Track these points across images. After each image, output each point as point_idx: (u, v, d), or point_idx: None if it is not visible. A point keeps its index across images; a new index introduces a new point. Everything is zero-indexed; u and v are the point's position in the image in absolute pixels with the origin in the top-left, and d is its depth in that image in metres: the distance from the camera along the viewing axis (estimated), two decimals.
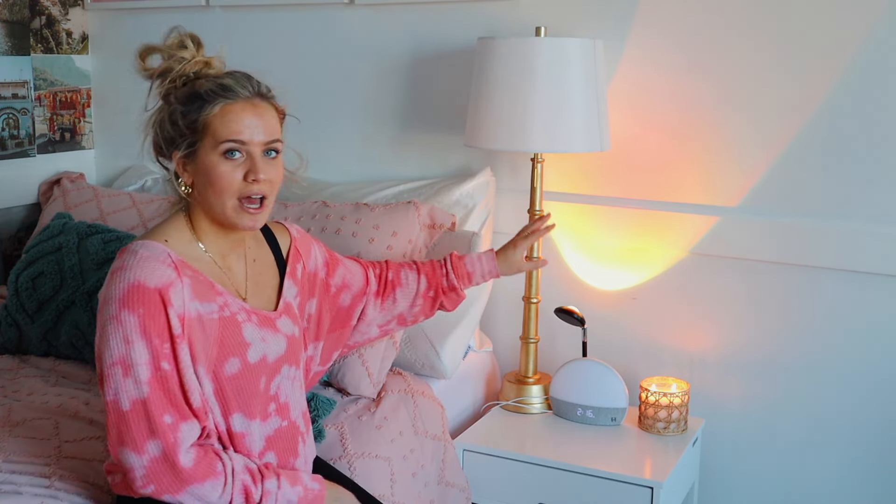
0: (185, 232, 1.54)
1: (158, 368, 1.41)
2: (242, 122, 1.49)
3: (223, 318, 1.50)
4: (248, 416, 1.53)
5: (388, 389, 2.10)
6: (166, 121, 1.53)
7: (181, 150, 1.51)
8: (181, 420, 1.43)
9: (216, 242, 1.56)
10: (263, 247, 1.68)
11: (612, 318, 2.42)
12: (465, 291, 1.97)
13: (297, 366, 1.64)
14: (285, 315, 1.63)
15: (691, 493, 2.30)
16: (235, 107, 1.50)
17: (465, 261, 1.96)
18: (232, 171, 1.49)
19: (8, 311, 2.34)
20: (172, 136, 1.52)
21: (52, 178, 2.87)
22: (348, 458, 1.86)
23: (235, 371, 1.51)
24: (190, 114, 1.49)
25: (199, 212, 1.55)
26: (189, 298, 1.45)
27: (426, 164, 2.58)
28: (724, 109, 2.24)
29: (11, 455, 1.68)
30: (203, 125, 1.49)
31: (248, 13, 2.77)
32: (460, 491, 2.11)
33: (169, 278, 1.44)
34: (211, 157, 1.49)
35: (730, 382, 2.32)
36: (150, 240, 1.49)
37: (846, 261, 2.15)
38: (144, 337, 1.41)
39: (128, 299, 1.41)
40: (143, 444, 1.41)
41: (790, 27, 2.15)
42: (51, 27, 2.92)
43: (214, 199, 1.50)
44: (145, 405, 1.40)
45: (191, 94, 1.51)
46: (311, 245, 1.77)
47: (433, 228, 2.29)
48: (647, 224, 2.35)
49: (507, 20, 2.41)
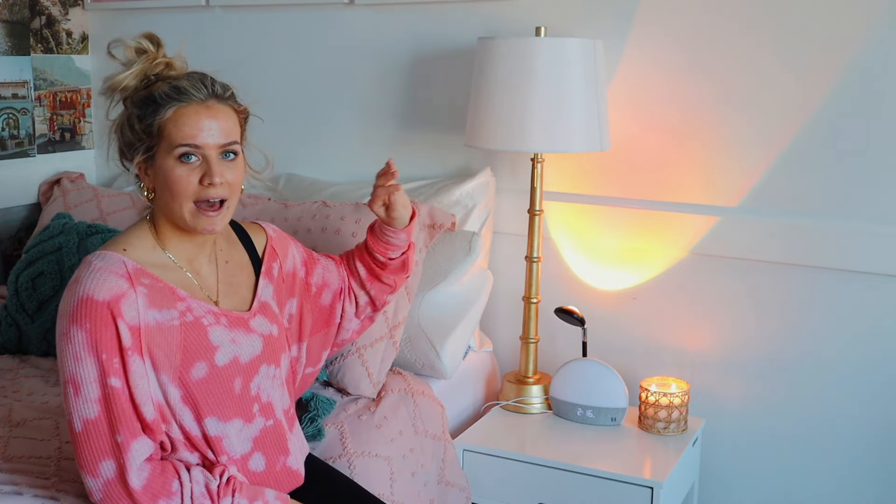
0: (148, 239, 1.53)
1: (106, 385, 1.39)
2: (196, 126, 1.47)
3: (185, 324, 1.48)
4: (222, 419, 1.51)
5: (388, 389, 2.10)
6: (125, 125, 1.53)
7: (139, 154, 1.50)
8: (131, 438, 1.41)
9: (181, 247, 1.55)
10: (237, 247, 1.66)
11: (612, 318, 2.42)
12: (390, 257, 1.86)
13: (278, 364, 1.62)
14: (260, 314, 1.61)
15: (691, 493, 2.30)
16: (189, 109, 1.48)
17: (369, 234, 1.87)
18: (188, 175, 1.47)
19: (8, 311, 2.34)
20: (131, 140, 1.52)
21: (52, 178, 2.87)
22: (348, 457, 1.86)
23: (203, 375, 1.49)
24: (145, 118, 1.49)
25: (162, 216, 1.53)
26: (144, 308, 1.43)
27: (426, 164, 2.58)
28: (724, 109, 2.24)
29: (12, 455, 1.68)
30: (158, 129, 1.48)
31: (248, 13, 2.77)
32: (460, 491, 2.11)
33: (120, 289, 1.42)
34: (167, 162, 1.48)
35: (730, 382, 2.33)
36: (109, 250, 1.48)
37: (846, 261, 2.15)
38: (92, 353, 1.39)
39: (76, 314, 1.39)
40: (97, 465, 1.39)
41: (790, 27, 2.15)
42: (51, 27, 2.92)
43: (173, 203, 1.49)
44: (96, 425, 1.39)
45: (146, 98, 1.50)
46: (287, 244, 1.75)
47: (433, 228, 2.29)
48: (647, 224, 2.35)
49: (507, 20, 2.41)
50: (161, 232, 1.54)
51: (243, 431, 1.54)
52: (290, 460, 1.62)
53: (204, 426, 1.50)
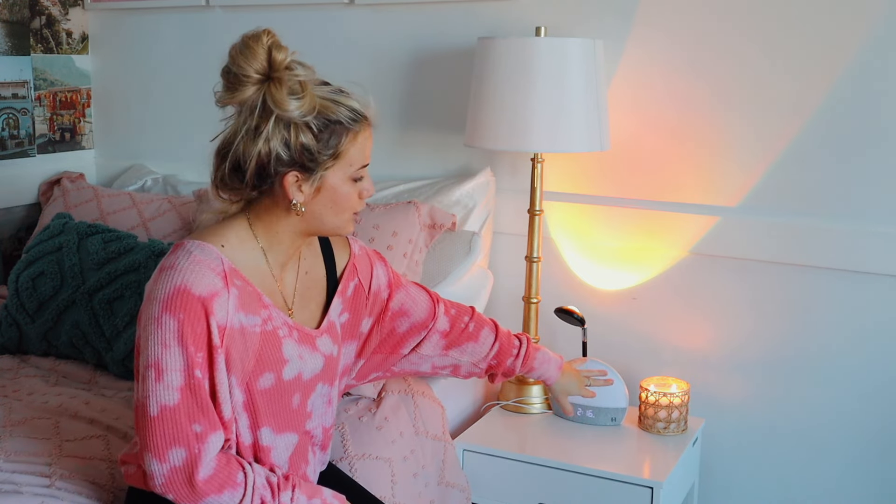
0: (248, 239, 1.50)
1: (192, 376, 1.39)
2: (370, 147, 1.53)
3: (265, 332, 1.48)
4: (275, 431, 1.52)
5: (389, 390, 2.10)
6: (290, 145, 1.44)
7: (296, 170, 1.46)
8: (211, 430, 1.41)
9: (279, 252, 1.53)
10: (318, 259, 1.64)
11: (612, 318, 2.42)
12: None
13: (332, 384, 1.62)
14: (327, 334, 1.60)
15: (691, 493, 2.30)
16: (366, 132, 1.53)
17: (537, 354, 1.92)
18: (355, 191, 1.52)
19: (8, 311, 2.34)
20: (294, 159, 1.46)
21: (52, 178, 2.87)
22: (349, 459, 1.86)
23: (268, 386, 1.49)
24: (326, 139, 1.47)
25: (276, 222, 1.50)
26: (234, 309, 1.43)
27: (426, 164, 2.58)
28: (724, 109, 2.24)
29: (12, 454, 1.68)
30: (340, 152, 1.48)
31: (248, 13, 2.77)
32: (460, 491, 2.11)
33: (215, 287, 1.41)
34: (340, 180, 1.50)
35: (730, 382, 2.33)
36: (207, 241, 1.45)
37: (846, 261, 2.15)
38: (181, 343, 1.38)
39: (171, 303, 1.38)
40: (166, 451, 1.38)
41: (790, 27, 2.15)
42: (51, 27, 2.92)
43: (335, 217, 1.51)
44: (174, 413, 1.38)
45: (326, 121, 1.46)
46: (372, 263, 1.73)
47: (433, 228, 2.29)
48: (647, 224, 2.35)
49: (507, 20, 2.41)
50: (262, 234, 1.51)
51: (290, 444, 1.55)
52: (308, 469, 1.62)
53: (259, 435, 1.50)
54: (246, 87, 1.42)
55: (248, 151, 1.43)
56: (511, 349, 1.89)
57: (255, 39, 1.43)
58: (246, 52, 1.42)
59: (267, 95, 1.42)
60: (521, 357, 1.89)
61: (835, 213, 2.17)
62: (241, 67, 1.42)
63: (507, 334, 1.90)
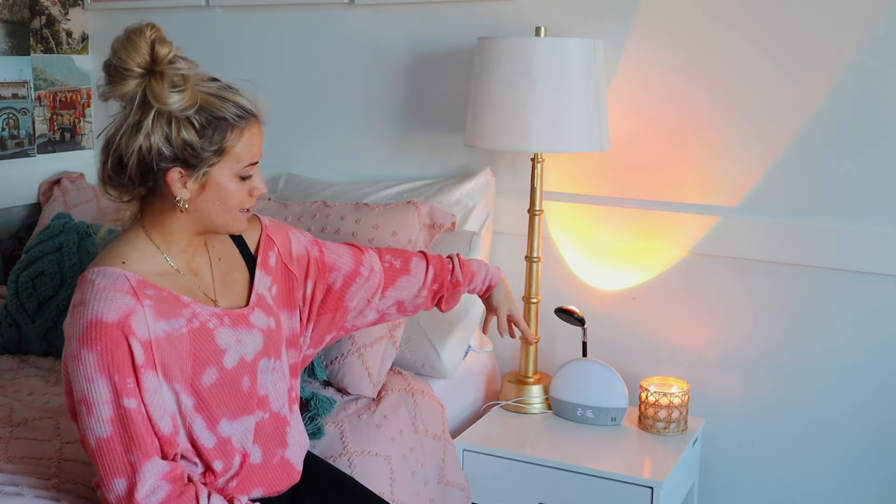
0: (146, 247, 1.50)
1: (119, 406, 1.38)
2: (259, 145, 1.52)
3: (193, 331, 1.47)
4: (230, 418, 1.51)
5: (389, 388, 2.10)
6: (172, 140, 1.44)
7: (179, 166, 1.46)
8: (144, 459, 1.40)
9: (180, 250, 1.53)
10: (226, 242, 1.63)
11: (612, 318, 2.42)
12: (463, 290, 1.95)
13: (278, 357, 1.61)
14: (258, 308, 1.59)
15: (691, 493, 2.30)
16: (255, 129, 1.52)
17: (471, 261, 1.95)
18: (243, 188, 1.51)
19: (8, 311, 2.34)
20: (176, 155, 1.46)
21: (52, 178, 2.87)
22: (348, 456, 1.87)
23: (214, 380, 1.49)
24: (209, 136, 1.46)
25: (168, 222, 1.50)
26: (153, 321, 1.42)
27: (426, 164, 2.58)
28: (724, 109, 2.24)
29: (13, 456, 1.68)
30: (225, 148, 1.47)
31: (248, 13, 2.77)
32: (460, 490, 2.11)
33: (127, 307, 1.40)
34: (227, 177, 1.49)
35: (730, 382, 2.33)
36: (106, 265, 1.45)
37: (846, 261, 2.15)
38: (104, 374, 1.38)
39: (86, 337, 1.38)
40: (110, 482, 1.40)
41: (790, 27, 2.15)
42: (51, 27, 2.92)
43: (223, 214, 1.50)
44: (109, 444, 1.39)
45: (211, 118, 1.45)
46: (286, 231, 1.73)
47: (433, 228, 2.29)
48: (647, 224, 2.35)
49: (507, 20, 2.41)
50: (158, 238, 1.51)
51: (248, 428, 1.55)
52: (287, 453, 1.61)
53: (218, 430, 1.49)
54: (127, 80, 1.41)
55: (129, 146, 1.43)
56: (446, 266, 1.91)
57: (137, 33, 1.41)
58: (128, 45, 1.41)
59: (147, 89, 1.41)
60: (457, 267, 1.92)
61: (835, 213, 2.17)
62: (122, 61, 1.41)
63: (437, 257, 1.92)
